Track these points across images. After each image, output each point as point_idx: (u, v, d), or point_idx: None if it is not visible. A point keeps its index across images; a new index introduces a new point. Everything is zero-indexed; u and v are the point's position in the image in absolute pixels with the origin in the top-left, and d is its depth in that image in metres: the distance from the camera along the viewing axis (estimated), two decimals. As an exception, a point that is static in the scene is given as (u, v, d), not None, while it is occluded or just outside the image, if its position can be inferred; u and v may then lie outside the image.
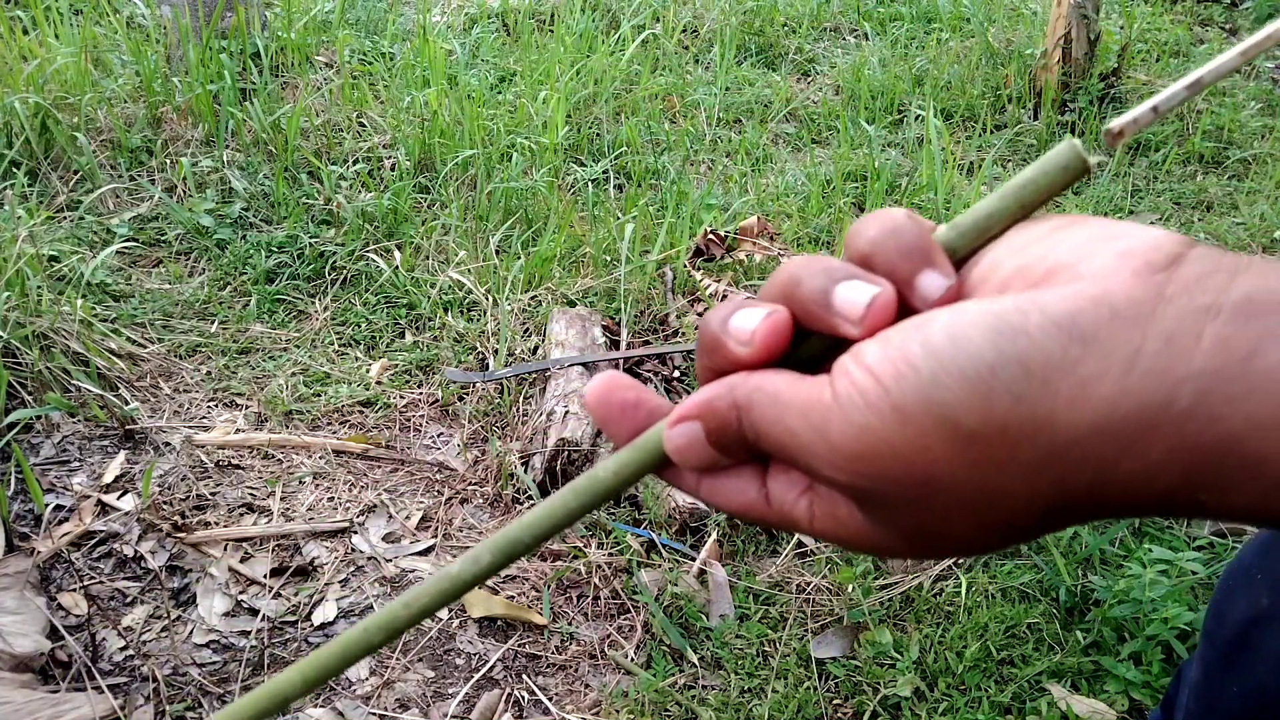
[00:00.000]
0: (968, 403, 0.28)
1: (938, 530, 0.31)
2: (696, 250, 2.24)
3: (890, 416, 0.29)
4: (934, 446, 0.28)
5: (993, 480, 0.28)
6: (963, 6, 3.90)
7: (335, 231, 2.24)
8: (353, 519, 1.55)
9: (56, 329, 1.73)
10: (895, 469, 0.29)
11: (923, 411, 0.28)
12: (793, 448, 0.31)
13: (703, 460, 0.34)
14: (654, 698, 1.29)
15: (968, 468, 0.28)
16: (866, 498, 0.31)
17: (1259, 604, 0.69)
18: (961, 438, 0.28)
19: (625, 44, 3.19)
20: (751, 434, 0.33)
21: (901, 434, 0.29)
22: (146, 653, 1.31)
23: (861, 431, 0.29)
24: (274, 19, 3.03)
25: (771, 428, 0.32)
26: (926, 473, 0.29)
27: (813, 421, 0.30)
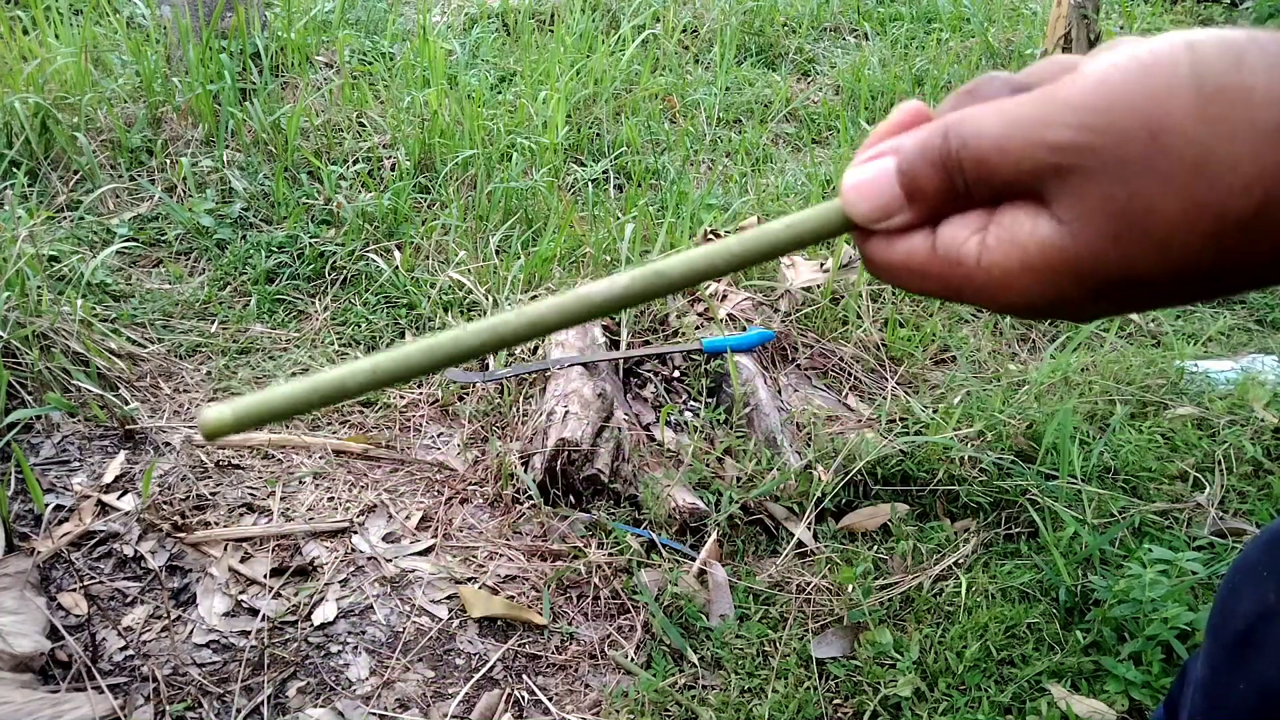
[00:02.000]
0: (1220, 58, 0.28)
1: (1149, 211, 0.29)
2: (696, 250, 2.24)
3: (1133, 67, 0.29)
4: (1175, 97, 0.28)
5: (1225, 144, 0.28)
6: (963, 6, 3.90)
7: (335, 231, 2.24)
8: (353, 519, 1.55)
9: (56, 329, 1.73)
10: (1129, 119, 0.28)
11: (1171, 62, 0.28)
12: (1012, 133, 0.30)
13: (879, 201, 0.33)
14: (654, 698, 1.29)
15: (1204, 124, 0.28)
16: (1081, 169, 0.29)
17: (1266, 600, 0.69)
18: (1207, 91, 0.28)
19: (625, 44, 3.19)
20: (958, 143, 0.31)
21: (1143, 83, 0.28)
22: (146, 653, 1.31)
23: (1100, 84, 0.29)
24: (274, 19, 3.03)
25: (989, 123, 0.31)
26: (1161, 124, 0.28)
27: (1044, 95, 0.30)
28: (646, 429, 1.77)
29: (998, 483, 1.61)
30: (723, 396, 1.84)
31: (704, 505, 1.56)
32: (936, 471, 1.62)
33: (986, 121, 0.31)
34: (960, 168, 0.31)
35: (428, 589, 1.45)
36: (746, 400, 1.77)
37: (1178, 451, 1.72)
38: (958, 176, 0.32)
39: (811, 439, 1.69)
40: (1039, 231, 0.30)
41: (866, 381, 1.94)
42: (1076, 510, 1.55)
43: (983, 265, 0.32)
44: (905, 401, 1.82)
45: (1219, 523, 1.57)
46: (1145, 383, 1.87)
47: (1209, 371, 1.93)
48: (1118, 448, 1.70)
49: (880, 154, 0.33)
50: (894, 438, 1.66)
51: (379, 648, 1.36)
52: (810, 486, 1.58)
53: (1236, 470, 1.68)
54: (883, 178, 0.33)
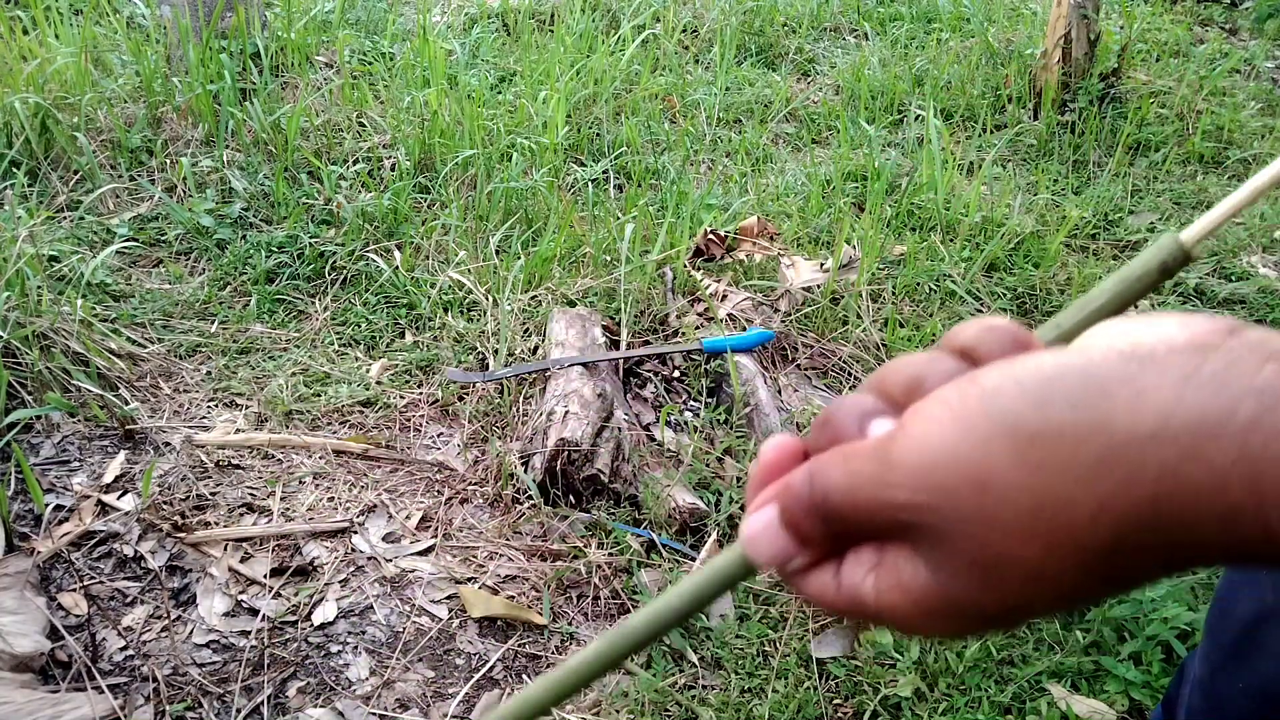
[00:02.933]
0: (1027, 406, 0.28)
1: (1005, 557, 0.29)
2: (696, 250, 2.24)
3: (950, 426, 0.30)
4: (993, 451, 0.29)
5: (1054, 485, 0.28)
6: (963, 6, 3.90)
7: (335, 231, 2.24)
8: (353, 519, 1.55)
9: (56, 329, 1.73)
10: (954, 478, 0.29)
11: (982, 416, 0.29)
12: (857, 488, 0.32)
13: (775, 549, 0.35)
14: (654, 698, 1.29)
15: (1027, 471, 0.28)
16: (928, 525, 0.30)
17: (1264, 601, 0.69)
18: (1021, 439, 0.28)
19: (625, 44, 3.19)
20: (821, 496, 0.33)
21: (962, 440, 0.29)
22: (146, 653, 1.31)
23: (920, 444, 0.30)
24: (274, 19, 3.03)
25: (838, 476, 0.32)
26: (985, 478, 0.29)
27: (877, 453, 0.31)
28: (646, 429, 1.77)
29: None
30: (723, 396, 1.84)
31: (704, 505, 1.56)
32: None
33: (834, 478, 0.32)
34: (829, 518, 0.33)
35: (428, 589, 1.45)
36: (746, 400, 1.77)
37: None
38: (832, 525, 0.33)
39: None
40: (918, 576, 0.32)
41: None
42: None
43: (881, 605, 0.33)
44: (905, 401, 1.82)
45: None
46: (1145, 383, 1.87)
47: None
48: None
49: (762, 501, 0.35)
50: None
51: (379, 648, 1.36)
52: (810, 486, 1.58)
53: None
54: (771, 526, 0.35)
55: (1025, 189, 2.73)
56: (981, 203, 2.50)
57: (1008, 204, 2.55)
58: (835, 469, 0.33)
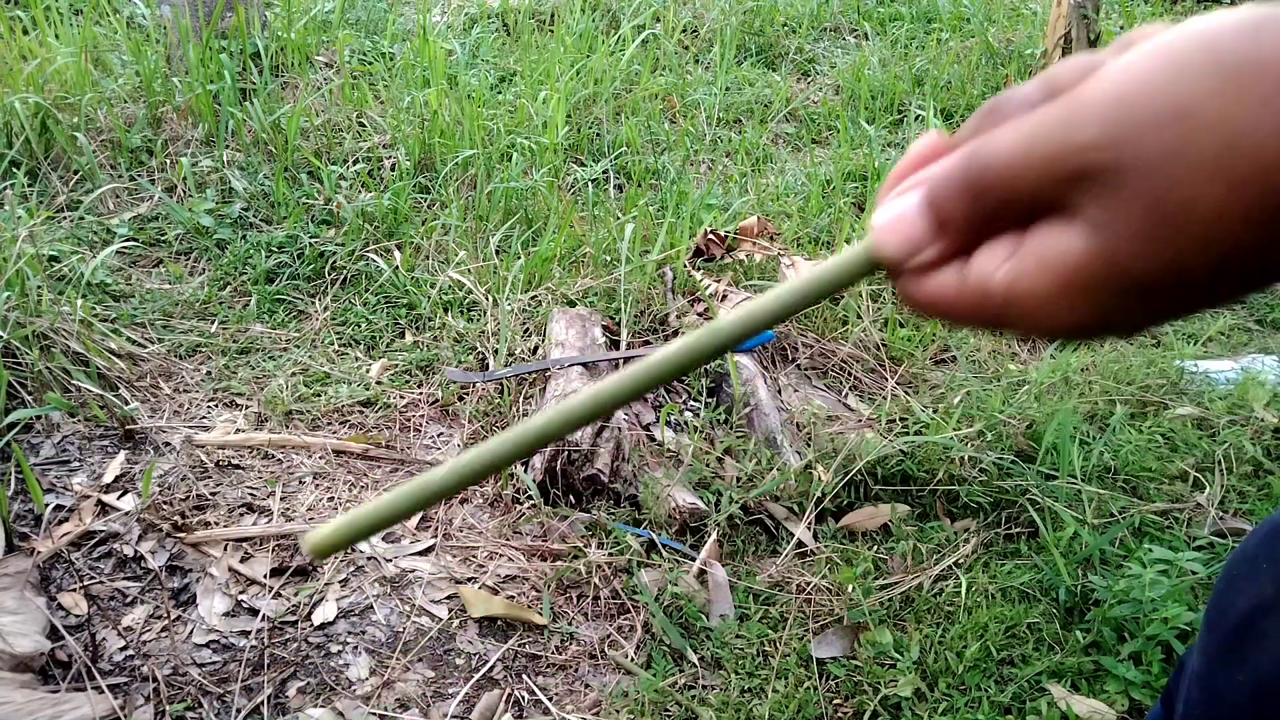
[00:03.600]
0: (1236, 36, 0.28)
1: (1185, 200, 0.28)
2: (696, 250, 2.24)
3: (1155, 56, 0.28)
4: (1198, 79, 0.28)
5: (1256, 116, 0.27)
6: (963, 6, 3.90)
7: (335, 231, 2.24)
8: (353, 519, 1.55)
9: (56, 329, 1.73)
10: (1154, 108, 0.28)
11: (1191, 46, 0.28)
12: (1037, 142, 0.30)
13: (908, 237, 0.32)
14: (654, 698, 1.29)
15: (1229, 99, 0.27)
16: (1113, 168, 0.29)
17: (1264, 593, 0.69)
18: (1228, 66, 0.27)
19: (625, 44, 3.19)
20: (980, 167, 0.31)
21: (1166, 70, 0.28)
22: (146, 653, 1.31)
23: (1123, 76, 0.29)
24: (274, 19, 3.03)
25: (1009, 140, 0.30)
26: (1186, 106, 0.28)
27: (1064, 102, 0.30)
28: (646, 429, 1.77)
29: (998, 483, 1.61)
30: (723, 396, 1.84)
31: (704, 505, 1.56)
32: (936, 471, 1.62)
33: (1007, 140, 0.30)
34: (986, 191, 0.31)
35: (428, 589, 1.45)
36: (746, 400, 1.77)
37: (1178, 451, 1.72)
38: (985, 200, 0.31)
39: (811, 439, 1.69)
40: (1073, 246, 0.30)
41: (866, 381, 1.94)
42: (1076, 510, 1.55)
43: (1015, 294, 0.31)
44: (905, 401, 1.82)
45: (1219, 523, 1.57)
46: (1145, 383, 1.87)
47: (1209, 371, 1.93)
48: (1118, 448, 1.70)
49: (905, 190, 0.33)
50: (894, 438, 1.66)
51: (379, 648, 1.36)
52: (810, 486, 1.58)
53: (1236, 470, 1.68)
54: (910, 212, 0.33)
55: (1025, 189, 2.73)
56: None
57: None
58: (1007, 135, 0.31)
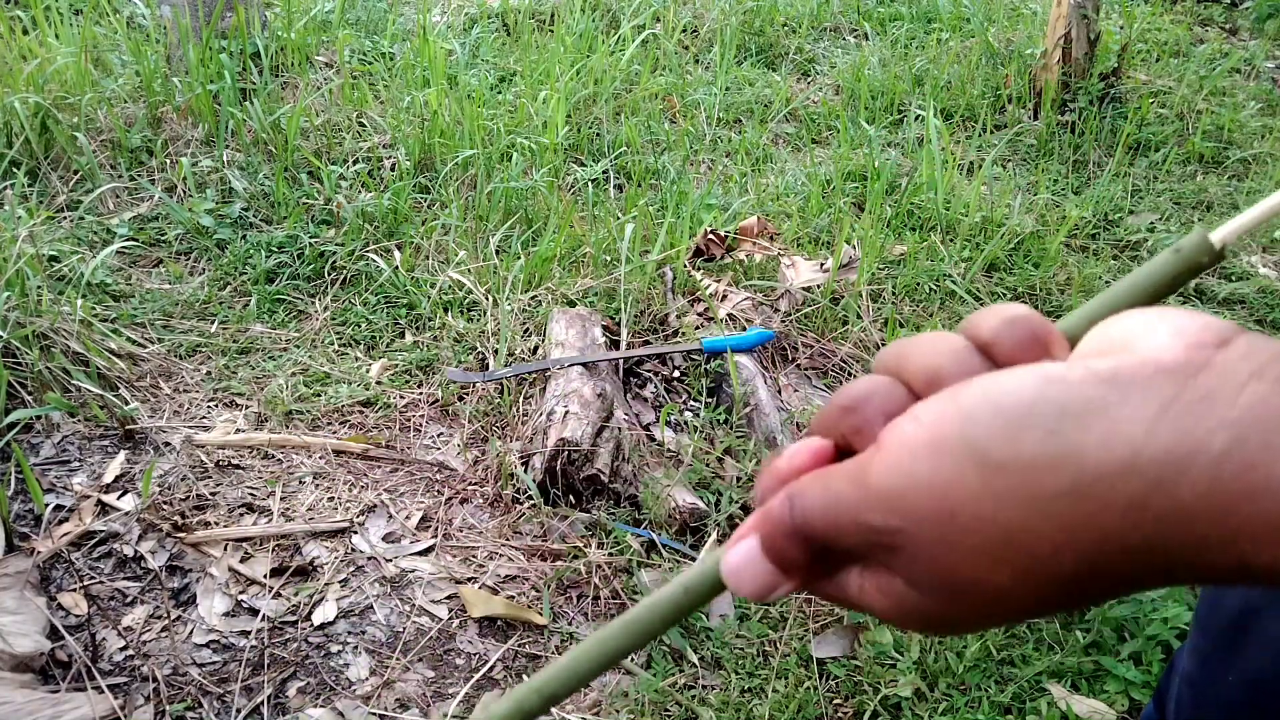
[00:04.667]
0: (999, 435, 0.28)
1: (975, 581, 0.30)
2: (696, 250, 2.24)
3: (923, 451, 0.30)
4: (962, 477, 0.29)
5: (1020, 516, 0.28)
6: (963, 6, 3.90)
7: (335, 231, 2.24)
8: (353, 519, 1.55)
9: (56, 329, 1.73)
10: (924, 503, 0.29)
11: (955, 441, 0.29)
12: (837, 512, 0.32)
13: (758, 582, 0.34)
14: (654, 698, 1.29)
15: (993, 500, 0.28)
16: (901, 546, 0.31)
17: (1253, 594, 0.69)
18: (989, 467, 0.28)
19: (625, 44, 3.19)
20: (800, 519, 0.33)
21: (932, 465, 0.29)
22: (146, 653, 1.31)
23: (894, 468, 0.30)
24: (274, 19, 3.03)
25: (817, 500, 0.32)
26: (952, 505, 0.29)
27: (854, 475, 0.32)
28: (646, 429, 1.77)
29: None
30: (723, 396, 1.84)
31: (704, 505, 1.56)
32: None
33: (815, 497, 0.33)
34: (810, 540, 0.33)
35: (428, 589, 1.45)
36: (746, 400, 1.77)
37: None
38: (813, 547, 0.33)
39: (811, 439, 1.69)
40: (894, 585, 0.32)
41: (866, 381, 1.94)
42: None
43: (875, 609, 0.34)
44: (905, 401, 1.82)
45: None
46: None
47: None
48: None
49: (743, 534, 0.35)
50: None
51: (379, 648, 1.36)
52: (810, 486, 1.58)
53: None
54: (753, 558, 0.34)
55: (1025, 189, 2.73)
56: (981, 203, 2.50)
57: (1007, 204, 2.54)
58: (815, 491, 0.33)
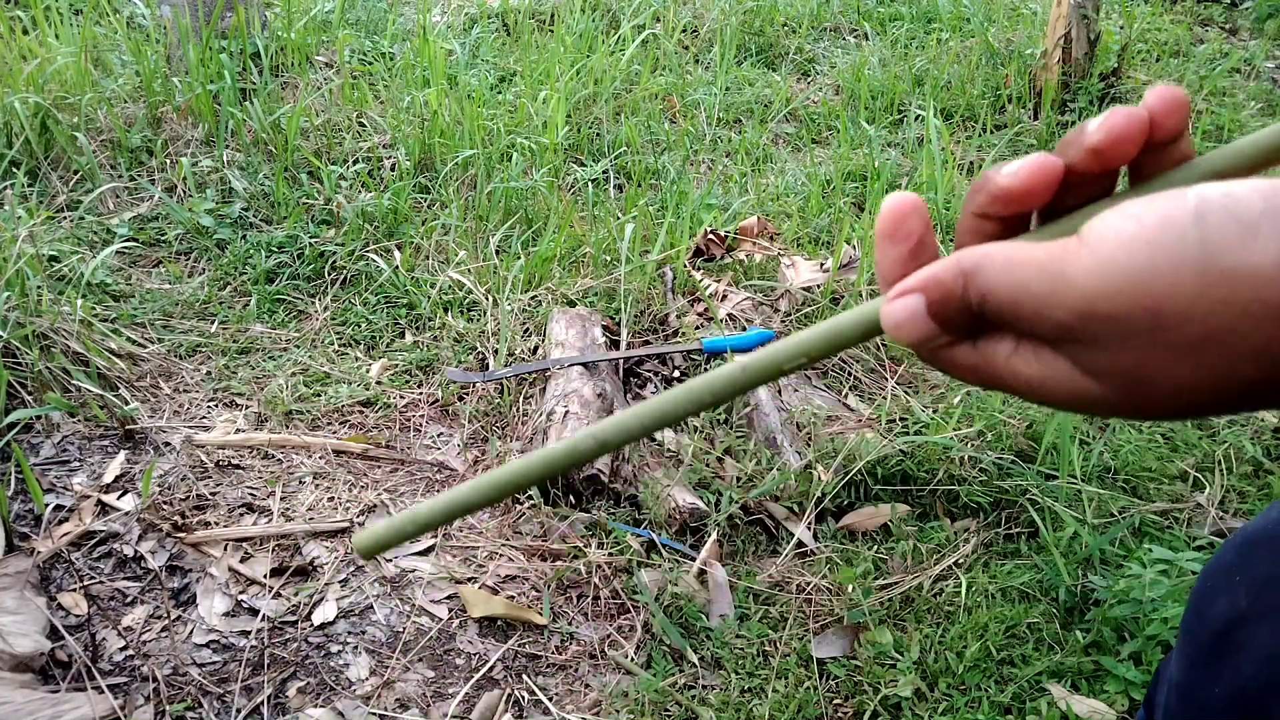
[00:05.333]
0: (1233, 241, 0.28)
1: (1155, 373, 0.30)
2: (696, 250, 2.24)
3: (1142, 250, 0.29)
4: (1178, 279, 0.28)
5: (1231, 322, 0.28)
6: (963, 6, 3.90)
7: (335, 231, 2.24)
8: (353, 519, 1.55)
9: (56, 329, 1.73)
10: (1131, 305, 0.29)
11: (1181, 243, 0.28)
12: (1022, 300, 0.31)
13: (918, 335, 0.35)
14: (654, 698, 1.29)
15: (1208, 305, 0.28)
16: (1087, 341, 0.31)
17: (1238, 604, 0.69)
18: (1213, 273, 0.28)
19: (625, 44, 3.19)
20: (977, 297, 0.33)
21: (1148, 265, 0.29)
22: (146, 653, 1.31)
23: (1104, 264, 0.29)
24: (274, 19, 3.03)
25: (1001, 284, 0.32)
26: (1160, 305, 0.28)
27: (1049, 268, 0.31)
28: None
29: (998, 483, 1.61)
30: (723, 396, 1.84)
31: (704, 505, 1.56)
32: (936, 471, 1.62)
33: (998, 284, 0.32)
34: (982, 313, 0.34)
35: (428, 589, 1.45)
36: (746, 400, 1.77)
37: (1178, 451, 1.72)
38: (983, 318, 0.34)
39: (811, 439, 1.69)
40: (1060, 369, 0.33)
41: (866, 381, 1.94)
42: (1076, 510, 1.55)
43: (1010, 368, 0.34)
44: (905, 401, 1.82)
45: (1219, 523, 1.57)
46: (1145, 383, 1.87)
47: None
48: (1118, 448, 1.70)
49: (908, 290, 0.35)
50: (894, 438, 1.66)
51: (379, 648, 1.36)
52: (810, 486, 1.58)
53: (1236, 470, 1.68)
54: (917, 316, 0.35)
55: (1025, 189, 2.73)
56: (981, 203, 2.50)
57: (1008, 204, 2.54)
58: (997, 272, 0.32)
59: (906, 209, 0.37)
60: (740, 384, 0.39)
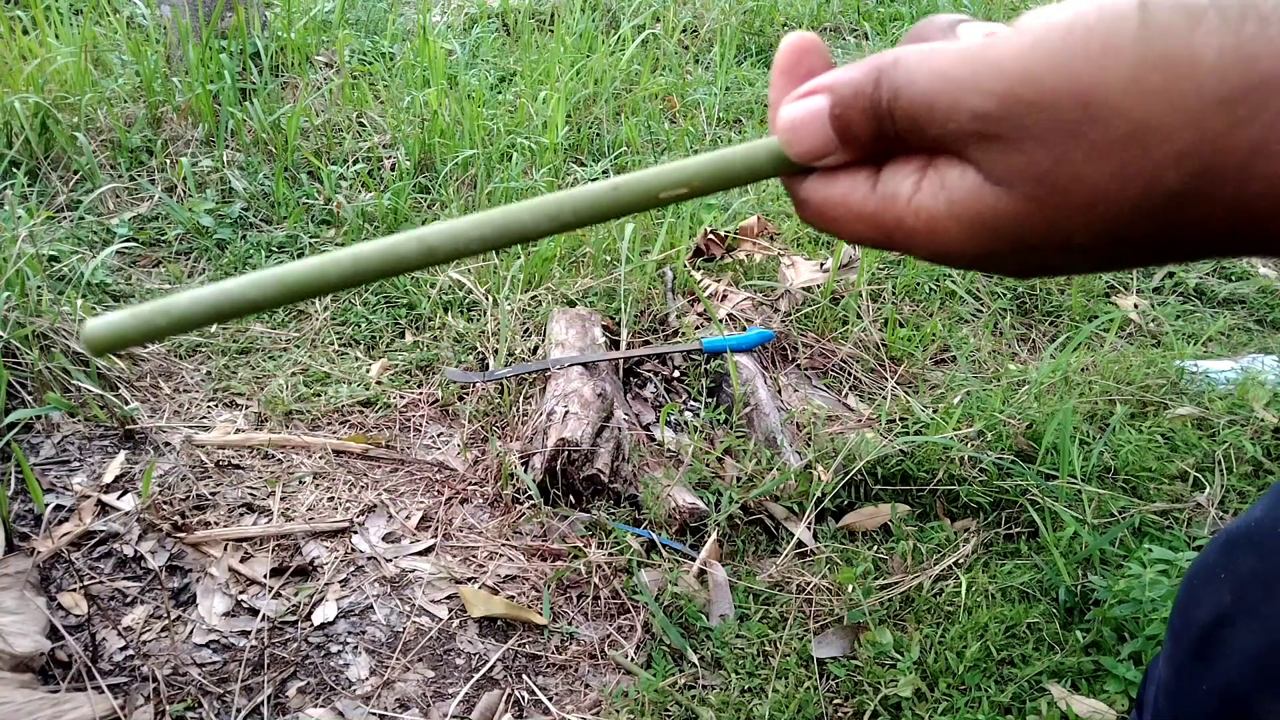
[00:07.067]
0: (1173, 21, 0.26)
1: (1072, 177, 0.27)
2: (696, 250, 2.24)
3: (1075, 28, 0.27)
4: (1113, 65, 0.26)
5: (1162, 116, 0.26)
6: (963, 6, 3.90)
7: (335, 231, 2.24)
8: (353, 519, 1.55)
9: (56, 329, 1.73)
10: (1058, 91, 0.27)
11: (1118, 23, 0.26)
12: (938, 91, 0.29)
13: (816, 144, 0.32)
14: (654, 698, 1.29)
15: (1139, 95, 0.26)
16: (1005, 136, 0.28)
17: (1223, 603, 0.69)
18: (1149, 61, 0.26)
19: (625, 44, 3.19)
20: (889, 94, 0.30)
21: (1082, 47, 0.26)
22: (146, 653, 1.31)
23: (1033, 47, 0.27)
24: (274, 19, 3.03)
25: (917, 75, 0.29)
26: (1088, 93, 0.26)
27: (973, 53, 0.28)
28: (646, 429, 1.77)
29: (998, 483, 1.61)
30: (723, 396, 1.84)
31: (704, 505, 1.56)
32: (936, 471, 1.62)
33: (916, 73, 0.29)
34: (891, 117, 0.30)
35: (428, 589, 1.45)
36: (746, 400, 1.77)
37: (1178, 451, 1.72)
38: (889, 124, 0.31)
39: (811, 439, 1.69)
40: (969, 187, 0.30)
41: (866, 381, 1.94)
42: (1076, 510, 1.55)
43: (912, 207, 0.31)
44: (905, 401, 1.82)
45: (1219, 523, 1.57)
46: (1145, 383, 1.87)
47: (1209, 371, 1.93)
48: (1118, 448, 1.70)
49: (814, 90, 0.32)
50: (894, 438, 1.66)
51: (379, 648, 1.36)
52: (810, 486, 1.58)
53: (1236, 470, 1.68)
54: (817, 117, 0.32)
55: (1025, 189, 2.73)
56: (981, 203, 2.50)
57: (1008, 204, 2.54)
58: (913, 67, 0.29)
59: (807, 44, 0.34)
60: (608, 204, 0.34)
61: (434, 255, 0.34)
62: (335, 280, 0.34)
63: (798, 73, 0.34)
